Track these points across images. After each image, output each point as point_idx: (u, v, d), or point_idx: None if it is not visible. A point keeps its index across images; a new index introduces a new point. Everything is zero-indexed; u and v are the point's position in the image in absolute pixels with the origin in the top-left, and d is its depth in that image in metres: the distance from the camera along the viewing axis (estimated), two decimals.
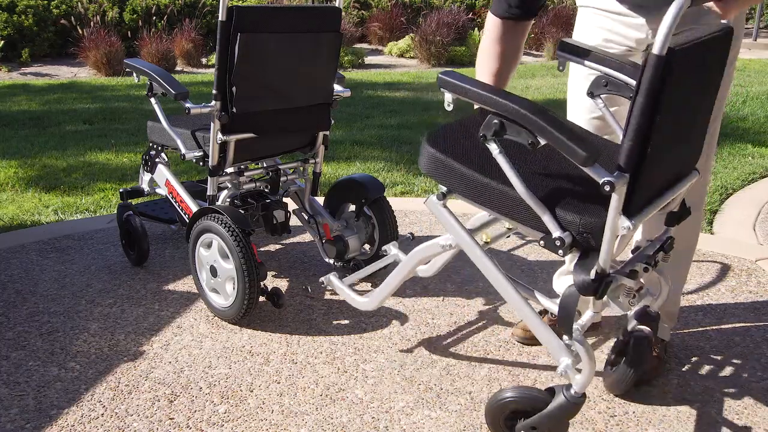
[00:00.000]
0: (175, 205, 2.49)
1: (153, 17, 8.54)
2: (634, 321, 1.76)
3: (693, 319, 2.27)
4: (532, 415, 1.51)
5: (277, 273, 2.61)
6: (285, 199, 3.37)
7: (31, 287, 2.48)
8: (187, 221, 2.34)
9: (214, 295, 2.25)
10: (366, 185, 2.46)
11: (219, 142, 2.21)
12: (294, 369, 1.98)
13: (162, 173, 2.54)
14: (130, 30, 8.37)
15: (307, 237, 2.96)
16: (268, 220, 2.49)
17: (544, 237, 1.43)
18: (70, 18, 8.18)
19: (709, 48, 1.40)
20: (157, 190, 2.64)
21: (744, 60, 8.70)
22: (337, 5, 2.33)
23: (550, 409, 1.48)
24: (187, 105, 2.18)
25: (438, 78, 1.44)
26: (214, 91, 2.15)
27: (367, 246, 2.54)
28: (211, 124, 2.20)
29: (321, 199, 3.09)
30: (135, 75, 2.44)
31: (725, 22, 1.52)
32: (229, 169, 2.40)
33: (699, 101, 1.46)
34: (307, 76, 2.30)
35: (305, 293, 2.43)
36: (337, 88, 2.45)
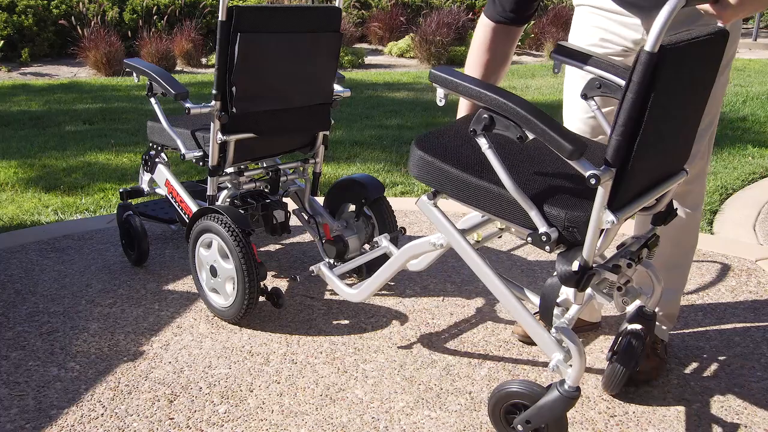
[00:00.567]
0: (175, 205, 2.49)
1: (153, 17, 8.55)
2: (627, 320, 1.76)
3: (693, 319, 2.27)
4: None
5: (277, 273, 2.61)
6: (285, 199, 3.38)
7: (31, 287, 2.48)
8: (187, 221, 2.34)
9: (214, 295, 2.25)
10: (366, 185, 2.46)
11: (219, 142, 2.21)
12: (294, 369, 1.98)
13: (162, 173, 2.54)
14: (130, 30, 8.37)
15: (307, 237, 2.96)
16: (268, 220, 2.49)
17: (531, 233, 1.45)
18: (70, 18, 8.18)
19: (703, 49, 1.40)
20: (157, 190, 2.64)
21: (744, 60, 8.71)
22: (337, 5, 2.33)
23: (542, 402, 1.49)
24: (187, 105, 2.19)
25: (430, 73, 1.46)
26: (214, 91, 2.15)
27: (367, 246, 2.54)
28: (211, 124, 2.21)
29: (321, 199, 3.10)
30: (135, 75, 2.45)
31: (722, 26, 1.52)
32: (229, 169, 2.40)
33: (689, 101, 1.46)
34: (307, 76, 2.30)
35: (293, 282, 2.43)
36: (337, 88, 2.46)
